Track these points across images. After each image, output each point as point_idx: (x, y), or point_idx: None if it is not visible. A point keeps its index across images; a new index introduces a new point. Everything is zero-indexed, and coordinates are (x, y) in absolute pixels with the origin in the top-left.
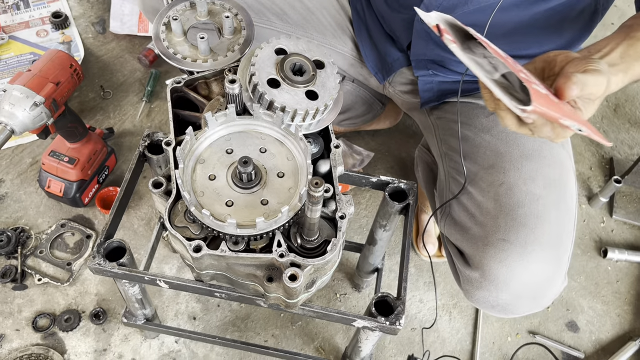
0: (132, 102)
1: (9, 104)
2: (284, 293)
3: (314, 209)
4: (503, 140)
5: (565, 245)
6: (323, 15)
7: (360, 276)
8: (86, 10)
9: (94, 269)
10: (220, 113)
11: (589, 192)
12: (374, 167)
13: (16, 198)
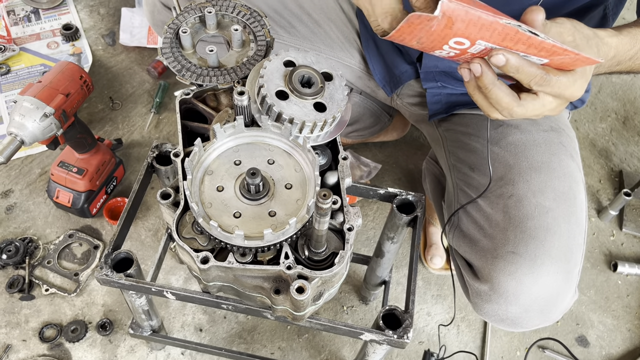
0: (140, 113)
1: (19, 115)
2: (291, 305)
3: (321, 220)
4: (512, 152)
5: (576, 258)
6: (331, 28)
7: (368, 289)
8: (96, 22)
9: (101, 279)
10: (229, 125)
11: (598, 205)
12: (382, 178)
13: (25, 208)
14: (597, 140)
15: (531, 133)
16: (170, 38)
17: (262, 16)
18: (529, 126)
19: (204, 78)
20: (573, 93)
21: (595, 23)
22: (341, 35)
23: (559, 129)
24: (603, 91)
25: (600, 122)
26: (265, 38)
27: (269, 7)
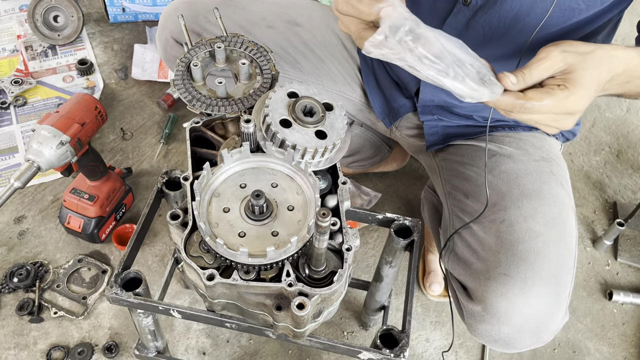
0: (150, 143)
1: (37, 142)
2: (292, 322)
3: (321, 239)
4: (504, 180)
5: (566, 280)
6: (333, 64)
7: (368, 314)
8: (110, 57)
9: (111, 298)
10: (235, 150)
11: (593, 235)
12: (382, 207)
13: (37, 234)
14: (592, 173)
15: (523, 162)
16: (182, 71)
17: (268, 51)
18: (521, 156)
19: (213, 108)
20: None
21: None
22: (343, 71)
23: (549, 159)
24: (597, 125)
25: (594, 155)
26: (271, 71)
27: (274, 43)
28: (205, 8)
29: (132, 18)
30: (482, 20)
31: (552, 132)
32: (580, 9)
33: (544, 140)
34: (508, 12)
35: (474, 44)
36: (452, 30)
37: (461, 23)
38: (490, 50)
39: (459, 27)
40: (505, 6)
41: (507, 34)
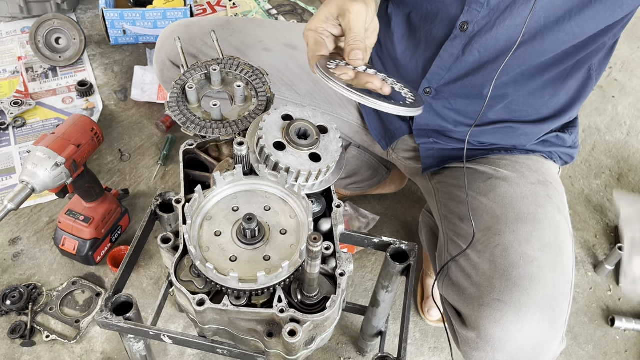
0: (148, 165)
1: (32, 164)
2: (283, 349)
3: (313, 264)
4: (499, 203)
5: (562, 307)
6: None
7: (365, 340)
8: (110, 79)
9: (101, 322)
10: (228, 173)
11: (594, 260)
12: (380, 230)
13: (31, 255)
14: (592, 196)
15: (519, 185)
16: (177, 93)
17: (264, 74)
18: (517, 179)
19: (207, 130)
20: None
21: (579, 83)
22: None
23: (546, 182)
24: (597, 149)
25: (594, 179)
26: (266, 94)
27: (270, 66)
28: (202, 31)
29: (133, 40)
30: (478, 45)
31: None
32: (574, 32)
33: (540, 163)
34: (503, 35)
35: (470, 68)
36: (449, 55)
37: (458, 48)
38: (485, 73)
39: (455, 52)
40: (501, 30)
41: (502, 56)
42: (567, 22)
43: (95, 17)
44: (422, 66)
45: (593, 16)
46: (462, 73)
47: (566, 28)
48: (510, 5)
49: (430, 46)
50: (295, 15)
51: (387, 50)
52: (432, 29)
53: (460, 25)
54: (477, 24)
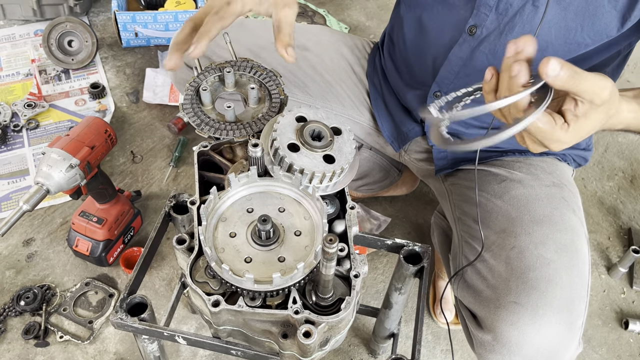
0: (160, 166)
1: (46, 165)
2: (298, 350)
3: (328, 265)
4: (514, 206)
5: (579, 310)
6: (342, 88)
7: (377, 341)
8: (122, 81)
9: (115, 323)
10: (243, 174)
11: (608, 262)
12: (391, 232)
13: (45, 256)
14: (605, 198)
15: (534, 188)
16: (191, 95)
17: (277, 76)
18: (532, 181)
19: (221, 132)
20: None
21: None
22: (352, 94)
23: (561, 185)
24: (610, 150)
25: (607, 181)
26: (280, 96)
27: (283, 68)
28: None
29: (145, 43)
30: (486, 50)
31: (534, 150)
32: (586, 43)
33: (555, 165)
34: None
35: (478, 73)
36: (457, 59)
37: (466, 52)
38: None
39: (464, 56)
40: (510, 37)
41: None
42: (579, 33)
43: (108, 20)
44: (432, 69)
45: (605, 27)
46: (470, 78)
47: (578, 39)
48: (519, 12)
49: (440, 49)
50: (306, 17)
51: (399, 51)
52: (442, 32)
53: (468, 28)
54: (485, 28)
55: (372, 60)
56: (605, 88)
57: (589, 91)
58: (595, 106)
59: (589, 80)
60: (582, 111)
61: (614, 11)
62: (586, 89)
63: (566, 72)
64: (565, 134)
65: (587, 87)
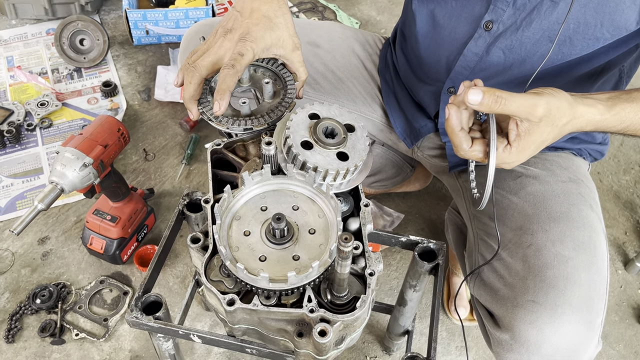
0: (172, 164)
1: (60, 164)
2: (313, 349)
3: (343, 264)
4: (531, 202)
5: (598, 308)
6: (353, 84)
7: (391, 338)
8: (134, 79)
9: (131, 322)
10: (256, 172)
11: (624, 258)
12: (405, 228)
13: (60, 255)
14: (622, 193)
15: (550, 184)
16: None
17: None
18: (548, 177)
19: (240, 122)
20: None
21: (610, 85)
22: (363, 91)
23: (577, 180)
24: (625, 144)
25: (623, 175)
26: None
27: None
28: None
29: (156, 40)
30: (502, 46)
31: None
32: (604, 38)
33: (570, 160)
34: (530, 38)
35: (494, 68)
36: (472, 55)
37: (482, 48)
38: (512, 74)
39: (479, 52)
40: (527, 32)
41: (528, 59)
42: (598, 29)
43: (119, 18)
44: (445, 65)
45: (624, 22)
46: (486, 74)
47: (597, 34)
48: (537, 7)
49: (455, 45)
50: (316, 13)
51: (411, 47)
52: (456, 27)
53: (484, 24)
54: (502, 24)
55: (383, 56)
56: (537, 105)
57: (521, 111)
58: (535, 123)
59: (516, 101)
60: (523, 130)
61: (633, 5)
62: (516, 109)
63: (489, 98)
64: (509, 155)
65: (516, 108)
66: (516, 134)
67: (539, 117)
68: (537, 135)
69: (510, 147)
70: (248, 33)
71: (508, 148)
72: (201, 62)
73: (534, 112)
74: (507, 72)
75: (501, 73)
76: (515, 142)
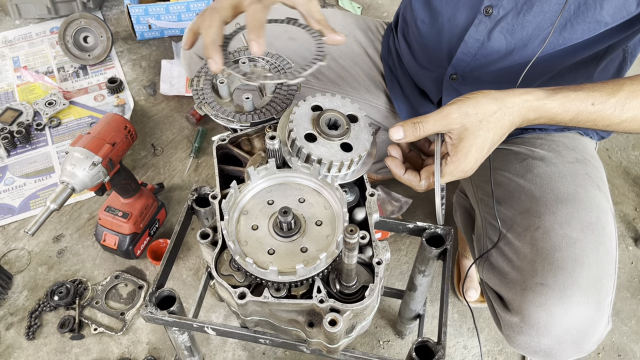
0: (180, 158)
1: (70, 164)
2: (324, 338)
3: (350, 255)
4: (537, 184)
5: (607, 288)
6: (356, 72)
7: (403, 323)
8: (138, 74)
9: (146, 317)
10: (262, 167)
11: (635, 234)
12: (413, 213)
13: (75, 252)
14: (631, 168)
15: (556, 165)
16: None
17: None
18: (554, 158)
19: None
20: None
21: (614, 66)
22: (367, 78)
23: (584, 160)
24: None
25: (633, 150)
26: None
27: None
28: None
29: (159, 34)
30: (504, 31)
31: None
32: (605, 21)
33: (577, 140)
34: (531, 22)
35: (496, 55)
36: (473, 41)
37: (483, 33)
38: (513, 59)
39: (480, 38)
40: (528, 17)
41: (530, 44)
42: (598, 12)
43: (121, 14)
44: (447, 52)
45: (624, 2)
46: (488, 60)
47: (597, 17)
48: None
49: (455, 31)
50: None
51: (412, 33)
52: (455, 13)
53: (484, 9)
54: (502, 8)
55: (385, 42)
56: (449, 113)
57: (438, 125)
58: (458, 129)
59: (431, 119)
60: (455, 138)
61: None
62: (433, 126)
63: (408, 129)
64: (448, 166)
65: (433, 125)
66: (451, 143)
67: (458, 121)
68: (471, 138)
69: (449, 156)
70: None
71: (447, 158)
72: (220, 4)
73: (449, 120)
74: (508, 58)
75: (503, 59)
76: (452, 152)
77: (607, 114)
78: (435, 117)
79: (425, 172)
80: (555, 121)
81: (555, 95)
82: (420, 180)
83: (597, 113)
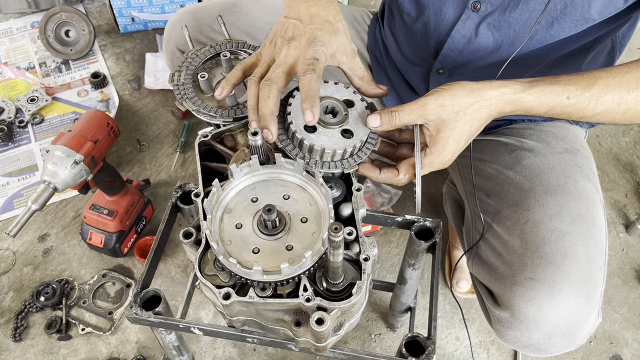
0: (166, 153)
1: (51, 163)
2: (312, 337)
3: (335, 253)
4: (527, 176)
5: (596, 281)
6: None
7: (394, 315)
8: (122, 69)
9: (131, 318)
10: (245, 164)
11: (626, 220)
12: (403, 204)
13: (60, 251)
14: (621, 154)
15: (545, 156)
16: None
17: None
18: (544, 149)
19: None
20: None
21: (603, 56)
22: None
23: (573, 150)
24: None
25: (623, 136)
26: None
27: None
28: (209, 17)
29: (142, 27)
30: (491, 27)
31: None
32: (593, 18)
33: (567, 129)
34: (517, 20)
35: (483, 51)
36: (460, 36)
37: (470, 29)
38: (500, 56)
39: (467, 34)
40: (514, 14)
41: (517, 41)
42: (586, 10)
43: (103, 7)
44: (433, 47)
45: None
46: (475, 56)
47: (585, 15)
48: None
49: (442, 26)
50: None
51: (399, 26)
52: (441, 7)
53: (472, 4)
54: (490, 4)
55: (372, 32)
56: (425, 104)
57: (414, 115)
58: (437, 121)
59: (407, 109)
60: (432, 129)
61: None
62: (409, 116)
63: (384, 117)
64: (426, 158)
65: (409, 115)
66: (429, 135)
67: (434, 112)
68: (449, 130)
69: (428, 148)
70: (315, 38)
71: (426, 149)
72: (274, 74)
73: (425, 111)
74: (496, 54)
75: (490, 55)
76: (431, 143)
77: (581, 107)
78: (411, 107)
79: (404, 165)
80: (531, 113)
81: (531, 89)
82: (398, 174)
83: (572, 106)
